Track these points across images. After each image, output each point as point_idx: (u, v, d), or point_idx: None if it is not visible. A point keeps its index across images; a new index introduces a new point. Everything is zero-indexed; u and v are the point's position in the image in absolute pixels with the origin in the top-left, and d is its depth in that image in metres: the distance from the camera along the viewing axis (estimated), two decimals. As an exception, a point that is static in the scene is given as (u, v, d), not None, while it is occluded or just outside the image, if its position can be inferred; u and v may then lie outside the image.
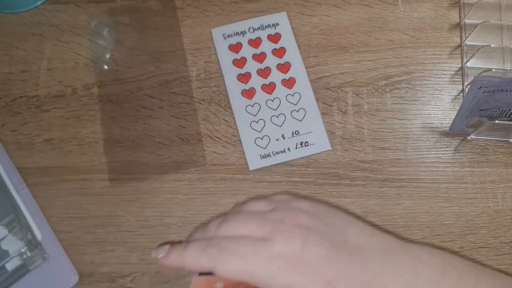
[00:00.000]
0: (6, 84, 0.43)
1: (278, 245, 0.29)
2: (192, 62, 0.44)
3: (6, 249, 0.37)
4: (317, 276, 0.28)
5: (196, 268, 0.31)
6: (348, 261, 0.29)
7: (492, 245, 0.39)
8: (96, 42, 0.44)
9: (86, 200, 0.40)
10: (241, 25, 0.45)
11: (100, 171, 0.41)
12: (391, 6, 0.45)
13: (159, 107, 0.42)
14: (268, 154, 0.41)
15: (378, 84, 0.43)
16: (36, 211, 0.39)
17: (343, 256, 0.29)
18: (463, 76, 0.43)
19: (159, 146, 0.41)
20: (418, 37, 0.44)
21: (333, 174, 0.40)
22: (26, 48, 0.44)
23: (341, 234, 0.30)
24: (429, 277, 0.29)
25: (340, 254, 0.29)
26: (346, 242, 0.30)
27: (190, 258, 0.31)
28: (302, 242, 0.29)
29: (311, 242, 0.29)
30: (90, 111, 0.42)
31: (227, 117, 0.42)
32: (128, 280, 0.38)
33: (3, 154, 0.41)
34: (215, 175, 0.40)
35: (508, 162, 0.41)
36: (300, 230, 0.29)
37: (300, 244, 0.29)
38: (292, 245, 0.29)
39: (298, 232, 0.29)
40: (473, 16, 0.44)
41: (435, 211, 0.39)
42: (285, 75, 0.43)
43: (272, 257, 0.29)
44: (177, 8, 0.45)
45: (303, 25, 0.45)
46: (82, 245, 0.39)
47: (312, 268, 0.28)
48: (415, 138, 0.42)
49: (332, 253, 0.29)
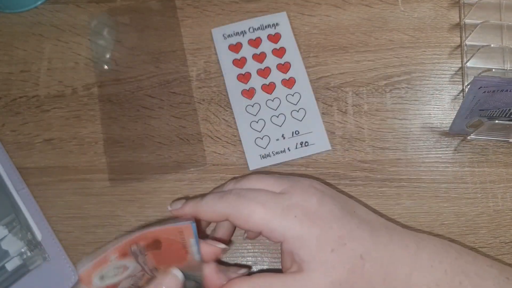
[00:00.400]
0: (6, 84, 0.43)
1: (296, 197, 0.30)
2: (192, 62, 0.44)
3: (6, 249, 0.37)
4: (331, 230, 0.29)
5: (211, 215, 0.31)
6: (359, 225, 0.30)
7: (492, 245, 0.39)
8: (96, 42, 0.44)
9: (86, 200, 0.40)
10: (241, 25, 0.45)
11: (100, 171, 0.41)
12: (391, 6, 0.45)
13: (159, 107, 0.42)
14: (268, 154, 0.41)
15: (378, 84, 0.43)
16: (36, 211, 0.39)
17: (354, 220, 0.30)
18: (463, 76, 0.43)
19: (159, 146, 0.41)
20: (418, 37, 0.44)
21: (333, 174, 0.40)
22: (26, 48, 0.44)
23: (351, 206, 0.32)
24: (430, 250, 0.30)
25: (351, 218, 0.30)
26: (355, 212, 0.31)
27: (207, 206, 0.31)
28: (318, 199, 0.30)
29: (326, 201, 0.30)
30: (90, 111, 0.42)
31: (227, 117, 0.42)
32: (128, 280, 0.38)
33: (3, 154, 0.41)
34: (215, 175, 0.40)
35: (508, 162, 0.41)
36: (316, 190, 0.31)
37: (316, 201, 0.30)
38: (310, 199, 0.30)
39: (313, 190, 0.31)
40: (473, 16, 0.44)
41: (435, 211, 0.39)
42: (285, 75, 0.43)
43: (290, 206, 0.30)
44: (177, 8, 0.45)
45: (303, 25, 0.45)
46: (82, 245, 0.39)
47: (327, 222, 0.29)
48: (415, 138, 0.42)
49: (345, 216, 0.30)
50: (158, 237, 0.30)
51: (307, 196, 0.30)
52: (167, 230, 0.30)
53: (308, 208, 0.30)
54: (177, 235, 0.31)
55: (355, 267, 0.28)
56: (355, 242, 0.29)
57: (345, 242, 0.29)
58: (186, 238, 0.31)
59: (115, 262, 0.30)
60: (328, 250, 0.28)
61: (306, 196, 0.30)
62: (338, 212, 0.30)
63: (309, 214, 0.29)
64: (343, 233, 0.29)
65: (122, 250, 0.30)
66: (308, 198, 0.30)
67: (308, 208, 0.30)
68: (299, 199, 0.30)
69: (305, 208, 0.30)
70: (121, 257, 0.30)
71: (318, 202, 0.30)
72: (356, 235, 0.29)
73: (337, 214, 0.30)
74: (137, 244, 0.30)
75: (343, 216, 0.30)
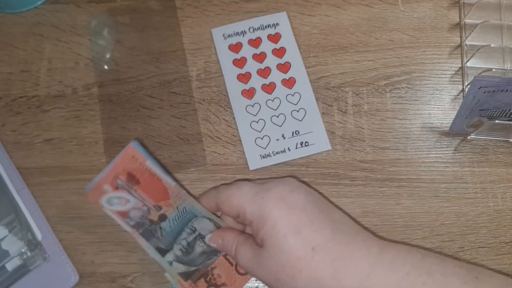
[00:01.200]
0: (6, 84, 0.43)
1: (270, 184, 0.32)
2: (192, 62, 0.44)
3: (6, 249, 0.37)
4: (290, 216, 0.30)
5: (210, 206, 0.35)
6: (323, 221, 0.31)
7: (492, 245, 0.39)
8: (96, 42, 0.44)
9: (86, 200, 0.40)
10: (241, 25, 0.45)
11: (100, 171, 0.40)
12: (391, 6, 0.45)
13: (159, 107, 0.42)
14: (268, 154, 0.41)
15: (378, 84, 0.43)
16: (36, 211, 0.39)
17: (320, 216, 0.31)
18: (463, 76, 0.43)
19: (159, 146, 0.41)
20: (418, 37, 0.44)
21: (333, 174, 0.40)
22: (26, 48, 0.44)
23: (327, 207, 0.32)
24: (394, 253, 0.30)
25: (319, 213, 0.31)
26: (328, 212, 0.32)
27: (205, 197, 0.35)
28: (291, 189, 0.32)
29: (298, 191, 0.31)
30: (90, 111, 0.42)
31: (227, 117, 0.42)
32: (128, 280, 0.38)
33: (3, 154, 0.41)
34: (215, 175, 0.40)
35: (508, 162, 0.41)
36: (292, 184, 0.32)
37: (288, 189, 0.31)
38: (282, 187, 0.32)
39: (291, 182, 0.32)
40: (473, 16, 0.44)
41: (435, 211, 0.39)
42: (285, 75, 0.43)
43: (262, 191, 0.32)
44: (177, 8, 0.45)
45: (303, 25, 0.45)
46: (82, 245, 0.39)
47: (291, 209, 0.30)
48: (415, 138, 0.42)
49: (312, 209, 0.31)
50: (125, 169, 0.35)
51: (281, 185, 0.32)
52: (122, 160, 0.35)
53: (276, 193, 0.31)
54: (134, 162, 0.35)
55: (304, 257, 0.29)
56: (311, 233, 0.29)
57: (300, 230, 0.29)
58: (143, 162, 0.35)
59: (112, 193, 0.35)
60: (281, 235, 0.29)
61: (280, 184, 0.32)
62: (307, 204, 0.31)
63: (275, 199, 0.31)
64: (303, 222, 0.30)
65: (111, 183, 0.35)
66: (281, 186, 0.32)
67: (276, 194, 0.31)
68: (272, 185, 0.32)
69: (274, 193, 0.31)
70: (114, 189, 0.35)
71: (290, 190, 0.31)
72: (315, 227, 0.30)
73: (304, 205, 0.31)
74: (119, 179, 0.35)
75: (311, 208, 0.31)
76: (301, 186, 0.32)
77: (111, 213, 0.35)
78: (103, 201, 0.35)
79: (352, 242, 0.30)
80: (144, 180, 0.36)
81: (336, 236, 0.29)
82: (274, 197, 0.31)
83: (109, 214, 0.36)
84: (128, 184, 0.35)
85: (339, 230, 0.30)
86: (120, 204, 0.35)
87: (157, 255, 0.36)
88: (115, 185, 0.35)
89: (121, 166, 0.36)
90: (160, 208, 0.36)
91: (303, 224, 0.30)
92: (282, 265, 0.29)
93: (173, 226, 0.37)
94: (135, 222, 0.36)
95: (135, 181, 0.36)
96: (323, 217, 0.30)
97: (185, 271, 0.36)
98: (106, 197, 0.35)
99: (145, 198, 0.36)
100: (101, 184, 0.35)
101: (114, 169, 0.35)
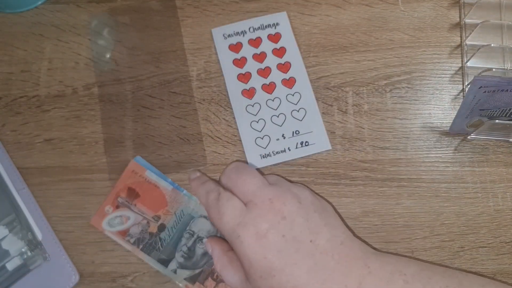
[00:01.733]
0: (6, 84, 0.43)
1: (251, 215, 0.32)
2: (192, 62, 0.44)
3: (7, 249, 0.37)
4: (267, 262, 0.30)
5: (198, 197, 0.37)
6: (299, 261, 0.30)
7: (493, 245, 0.39)
8: (96, 42, 0.44)
9: (86, 200, 0.40)
10: (241, 25, 0.45)
11: (100, 171, 0.41)
12: (391, 6, 0.45)
13: (159, 107, 0.42)
14: (268, 153, 0.41)
15: (378, 84, 0.43)
16: (36, 211, 0.39)
17: (298, 255, 0.30)
18: (463, 75, 0.43)
19: (159, 146, 0.41)
20: (418, 37, 0.44)
21: (333, 174, 0.40)
22: (26, 48, 0.44)
23: (313, 233, 0.31)
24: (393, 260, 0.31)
25: (296, 252, 0.31)
26: (312, 242, 0.31)
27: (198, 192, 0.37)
28: (268, 228, 0.31)
29: (276, 231, 0.31)
30: (90, 111, 0.42)
31: (227, 117, 0.42)
32: (128, 280, 0.38)
33: (3, 154, 0.41)
34: (215, 175, 0.40)
35: (508, 161, 0.41)
36: (274, 216, 0.31)
37: (266, 227, 0.31)
38: (260, 225, 0.31)
39: (271, 217, 0.31)
40: (473, 15, 0.44)
41: (435, 211, 0.39)
42: (285, 75, 0.43)
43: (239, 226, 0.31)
44: (177, 8, 0.45)
45: (303, 25, 0.45)
46: (82, 245, 0.39)
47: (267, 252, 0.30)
48: (415, 138, 0.42)
49: (288, 248, 0.31)
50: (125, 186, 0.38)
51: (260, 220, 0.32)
52: (124, 176, 0.39)
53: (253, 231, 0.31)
54: (134, 176, 0.39)
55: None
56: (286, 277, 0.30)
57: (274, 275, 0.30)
58: (142, 174, 0.39)
59: (113, 214, 0.38)
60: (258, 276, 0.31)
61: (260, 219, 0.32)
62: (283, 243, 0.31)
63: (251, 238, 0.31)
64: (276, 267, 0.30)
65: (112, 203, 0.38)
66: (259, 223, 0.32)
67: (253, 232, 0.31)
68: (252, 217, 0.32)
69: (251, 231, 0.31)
70: (115, 209, 0.38)
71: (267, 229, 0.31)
72: (289, 271, 0.30)
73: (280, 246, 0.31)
74: (120, 196, 0.38)
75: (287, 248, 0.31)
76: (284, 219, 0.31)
77: (112, 234, 0.38)
78: (104, 224, 0.38)
79: (328, 280, 0.30)
80: (143, 192, 0.38)
81: (312, 276, 0.30)
82: (251, 236, 0.31)
83: (110, 236, 0.38)
84: (128, 200, 0.38)
85: (316, 267, 0.30)
86: (120, 224, 0.38)
87: (161, 267, 0.37)
88: (116, 204, 0.38)
89: (122, 184, 0.39)
90: (159, 218, 0.38)
91: (276, 270, 0.30)
92: None
93: (172, 235, 0.38)
94: (135, 239, 0.38)
95: (135, 194, 0.38)
96: (299, 257, 0.30)
97: (191, 275, 0.37)
98: (107, 219, 0.38)
99: (144, 211, 0.38)
100: (103, 207, 0.38)
101: (115, 190, 0.38)
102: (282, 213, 0.32)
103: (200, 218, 0.38)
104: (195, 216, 0.38)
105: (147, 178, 0.39)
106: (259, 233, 0.31)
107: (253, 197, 0.32)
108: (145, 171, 0.39)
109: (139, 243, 0.38)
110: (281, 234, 0.31)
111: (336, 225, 0.33)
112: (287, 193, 0.33)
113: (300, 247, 0.31)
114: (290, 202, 0.32)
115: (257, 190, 0.33)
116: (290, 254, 0.30)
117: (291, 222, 0.31)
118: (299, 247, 0.31)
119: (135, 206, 0.38)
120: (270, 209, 0.32)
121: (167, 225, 0.38)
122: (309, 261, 0.30)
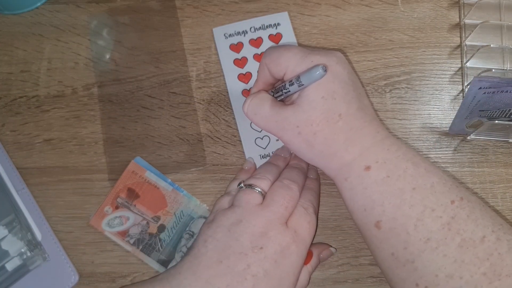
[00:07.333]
0: (6, 84, 0.43)
1: (319, 51, 0.34)
2: (192, 62, 0.44)
3: (6, 249, 0.37)
4: (330, 84, 0.32)
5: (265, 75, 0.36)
6: (355, 97, 0.33)
7: (492, 245, 0.39)
8: (96, 42, 0.44)
9: (86, 200, 0.40)
10: (242, 25, 0.45)
11: (100, 171, 0.41)
12: (391, 6, 0.45)
13: (159, 107, 0.42)
14: (268, 154, 0.41)
15: (378, 84, 0.43)
16: (36, 211, 0.39)
17: (354, 93, 0.33)
18: (463, 76, 0.43)
19: (159, 146, 0.41)
20: (418, 37, 0.44)
21: (333, 174, 0.40)
22: (26, 48, 0.44)
23: (359, 92, 0.34)
24: (393, 142, 0.33)
25: (353, 90, 0.33)
26: (360, 94, 0.34)
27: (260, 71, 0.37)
28: (338, 61, 0.34)
29: (343, 66, 0.34)
30: (90, 111, 0.42)
31: (227, 117, 0.42)
32: (128, 280, 0.38)
33: (3, 154, 0.41)
34: (215, 175, 0.40)
35: (508, 162, 0.41)
36: (340, 58, 0.34)
37: (336, 61, 0.33)
38: (331, 57, 0.33)
39: (339, 54, 0.34)
40: (473, 16, 0.44)
41: (435, 211, 0.39)
42: (285, 75, 0.43)
43: (310, 55, 0.33)
44: (177, 8, 0.45)
45: (303, 25, 0.45)
46: (82, 245, 0.39)
47: (335, 78, 0.33)
48: (415, 138, 0.42)
49: (350, 85, 0.33)
50: (125, 186, 0.39)
51: (330, 55, 0.34)
52: (124, 176, 0.39)
53: (325, 61, 0.33)
54: (134, 176, 0.39)
55: (330, 119, 0.32)
56: (343, 104, 0.32)
57: (335, 97, 0.32)
58: (142, 174, 0.39)
59: (112, 214, 0.38)
60: (319, 95, 0.32)
61: (330, 54, 0.34)
62: (346, 79, 0.33)
63: (325, 65, 0.32)
64: (339, 92, 0.32)
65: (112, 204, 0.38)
66: (330, 56, 0.33)
67: (325, 61, 0.33)
68: (322, 53, 0.34)
69: (323, 60, 0.33)
70: (115, 209, 0.38)
71: (336, 62, 0.33)
72: (347, 99, 0.33)
73: (344, 79, 0.33)
74: (119, 197, 0.38)
75: (348, 84, 0.33)
76: (347, 63, 0.34)
77: (112, 235, 0.38)
78: (104, 224, 0.38)
79: (367, 122, 0.33)
80: (143, 192, 0.39)
81: (359, 113, 0.33)
82: (323, 62, 0.33)
83: (110, 236, 0.38)
84: (127, 200, 0.38)
85: (363, 110, 0.33)
86: (120, 224, 0.38)
87: (160, 267, 0.37)
88: (116, 205, 0.38)
89: (121, 184, 0.39)
90: (158, 218, 0.38)
91: (338, 94, 0.32)
92: (309, 120, 0.32)
93: (172, 235, 0.38)
94: (135, 239, 0.38)
95: (135, 195, 0.39)
96: (355, 95, 0.33)
97: None
98: (107, 219, 0.38)
99: (144, 212, 0.38)
100: (103, 208, 0.38)
101: (115, 190, 0.39)
102: (342, 59, 0.34)
103: (200, 219, 0.38)
104: (195, 217, 0.38)
105: (147, 178, 0.39)
106: (331, 63, 0.33)
107: None
108: (145, 172, 0.39)
109: (139, 243, 0.38)
110: (346, 71, 0.34)
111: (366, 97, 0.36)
112: None
113: (354, 89, 0.34)
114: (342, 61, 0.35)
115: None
116: (349, 90, 0.33)
117: (348, 69, 0.34)
118: (354, 89, 0.34)
119: (134, 206, 0.38)
120: (333, 53, 0.34)
121: (167, 225, 0.38)
122: (358, 103, 0.33)
